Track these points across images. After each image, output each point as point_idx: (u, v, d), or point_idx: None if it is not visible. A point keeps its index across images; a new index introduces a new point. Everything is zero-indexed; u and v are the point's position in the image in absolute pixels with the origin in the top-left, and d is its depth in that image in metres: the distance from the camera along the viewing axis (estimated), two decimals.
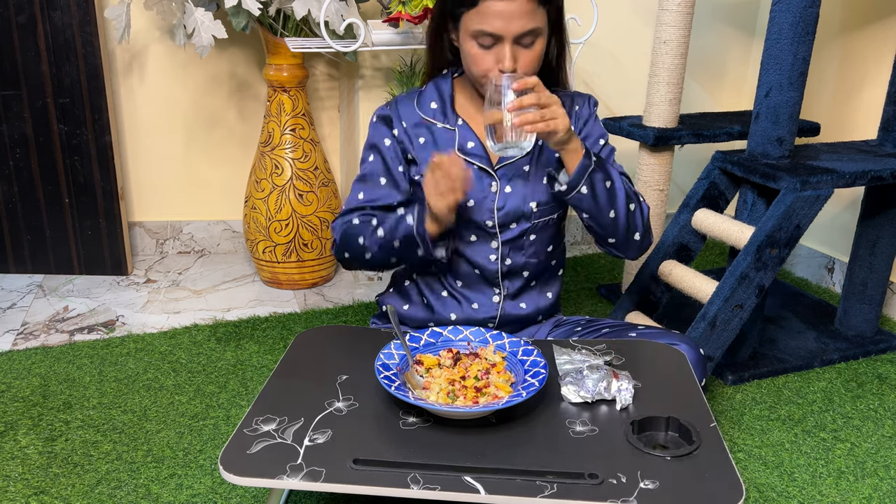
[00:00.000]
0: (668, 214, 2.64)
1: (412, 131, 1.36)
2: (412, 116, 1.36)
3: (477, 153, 1.34)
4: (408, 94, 1.40)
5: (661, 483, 0.97)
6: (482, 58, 1.24)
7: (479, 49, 1.24)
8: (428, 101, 1.37)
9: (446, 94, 1.37)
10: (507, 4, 1.20)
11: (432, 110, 1.36)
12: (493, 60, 1.24)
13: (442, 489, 0.95)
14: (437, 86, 1.38)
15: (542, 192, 1.35)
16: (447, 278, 1.40)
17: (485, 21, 1.21)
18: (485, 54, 1.24)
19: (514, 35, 1.21)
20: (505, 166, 1.34)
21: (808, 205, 1.61)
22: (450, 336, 1.26)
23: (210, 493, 1.37)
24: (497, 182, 1.33)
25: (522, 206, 1.34)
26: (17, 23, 2.04)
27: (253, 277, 2.31)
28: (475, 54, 1.25)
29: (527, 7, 1.21)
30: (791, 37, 1.61)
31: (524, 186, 1.34)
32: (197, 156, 2.39)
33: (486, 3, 1.21)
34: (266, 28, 2.02)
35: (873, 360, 1.91)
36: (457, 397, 1.10)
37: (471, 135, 1.34)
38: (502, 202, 1.33)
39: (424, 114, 1.36)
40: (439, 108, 1.36)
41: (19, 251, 2.25)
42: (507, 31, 1.21)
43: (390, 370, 1.14)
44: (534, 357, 1.17)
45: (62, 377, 1.72)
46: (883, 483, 1.46)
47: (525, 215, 1.35)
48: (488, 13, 1.21)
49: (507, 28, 1.21)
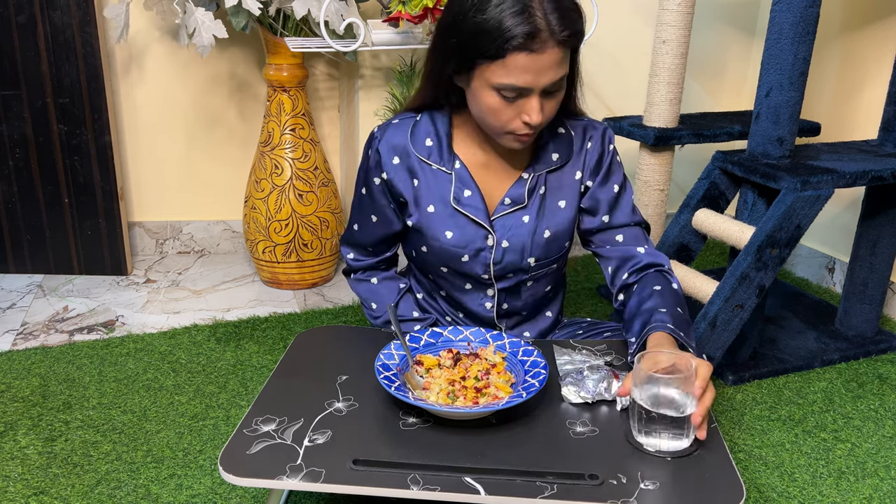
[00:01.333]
0: (669, 214, 2.64)
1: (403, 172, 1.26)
2: (405, 151, 1.26)
3: (472, 204, 1.25)
4: (402, 121, 1.28)
5: (662, 483, 0.97)
6: (503, 111, 1.14)
7: (501, 101, 1.13)
8: (423, 136, 1.26)
9: (443, 132, 1.26)
10: (539, 58, 1.08)
11: (427, 148, 1.26)
12: (516, 112, 1.14)
13: (442, 490, 0.95)
14: (434, 120, 1.27)
15: (541, 247, 1.28)
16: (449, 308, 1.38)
17: (511, 75, 1.10)
18: (507, 107, 1.13)
19: (543, 87, 1.11)
20: (502, 217, 1.26)
21: (809, 205, 1.61)
22: (450, 336, 1.25)
23: (210, 494, 1.36)
24: (493, 235, 1.26)
25: (520, 261, 1.28)
26: (17, 23, 2.04)
27: (253, 277, 2.31)
28: (495, 108, 1.14)
29: (559, 56, 1.10)
30: (791, 37, 1.61)
31: (522, 240, 1.27)
32: (197, 156, 2.39)
33: (515, 57, 1.08)
34: (266, 28, 2.01)
35: (874, 360, 1.90)
36: (457, 398, 1.10)
37: (468, 181, 1.25)
38: (499, 256, 1.27)
39: (418, 151, 1.26)
40: (434, 146, 1.26)
41: (19, 251, 2.25)
42: (536, 84, 1.11)
43: (390, 370, 1.14)
44: (534, 357, 1.17)
45: (62, 377, 1.72)
46: (883, 483, 1.45)
47: (523, 269, 1.29)
48: (517, 67, 1.09)
49: (537, 81, 1.10)
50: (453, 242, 1.26)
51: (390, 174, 1.26)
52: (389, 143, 1.26)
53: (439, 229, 1.26)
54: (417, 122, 1.27)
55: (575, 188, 1.29)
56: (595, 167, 1.29)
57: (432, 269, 1.33)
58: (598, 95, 2.49)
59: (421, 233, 1.28)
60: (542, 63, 1.09)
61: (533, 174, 1.27)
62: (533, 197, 1.27)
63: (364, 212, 1.33)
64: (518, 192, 1.26)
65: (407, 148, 1.26)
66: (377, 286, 1.39)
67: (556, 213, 1.28)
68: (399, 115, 1.30)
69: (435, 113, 1.27)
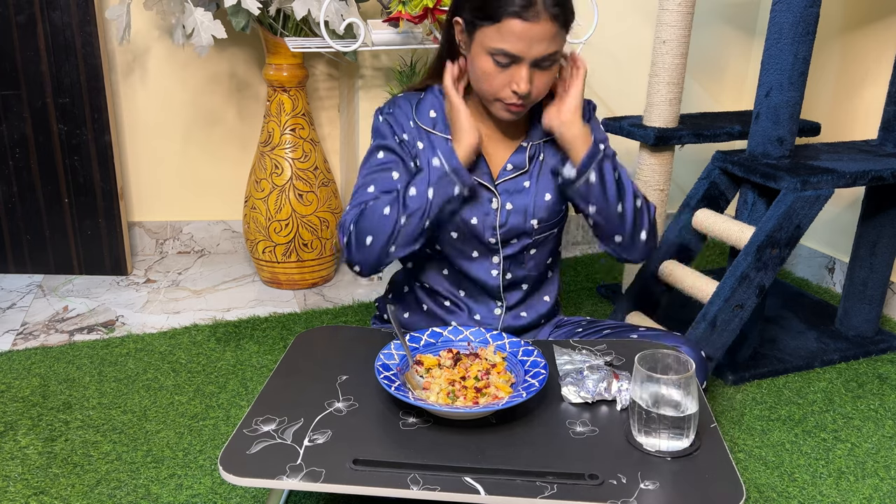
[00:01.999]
0: (669, 214, 2.64)
1: (412, 135, 1.32)
2: (412, 120, 1.32)
3: (478, 168, 1.30)
4: (406, 96, 1.35)
5: (662, 483, 0.97)
6: (494, 76, 1.20)
7: (494, 66, 1.19)
8: (427, 109, 1.33)
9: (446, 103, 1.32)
10: (533, 27, 1.15)
11: (431, 119, 1.32)
12: (507, 80, 1.20)
13: (442, 490, 0.95)
14: (435, 93, 1.33)
15: (543, 209, 1.33)
16: (450, 287, 1.38)
17: (505, 40, 1.16)
18: (498, 73, 1.20)
19: (534, 58, 1.17)
20: (506, 182, 1.32)
21: (809, 205, 1.61)
22: (450, 336, 1.25)
23: (210, 494, 1.36)
24: (498, 198, 1.31)
25: (524, 223, 1.32)
26: (17, 23, 2.04)
27: (253, 277, 2.31)
28: (488, 71, 1.20)
29: (551, 31, 1.16)
30: (791, 36, 1.61)
31: (525, 203, 1.32)
32: (197, 156, 2.39)
33: (509, 22, 1.15)
34: (266, 28, 2.01)
35: (874, 360, 1.91)
36: (457, 398, 1.10)
37: None
38: (504, 219, 1.31)
39: (423, 123, 1.32)
40: (438, 116, 1.32)
41: (19, 251, 2.25)
42: (527, 54, 1.17)
43: (390, 370, 1.14)
44: (534, 357, 1.17)
45: (62, 377, 1.72)
46: (883, 483, 1.45)
47: (526, 232, 1.33)
48: (511, 33, 1.16)
49: (528, 50, 1.16)
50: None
51: (408, 135, 1.32)
52: (400, 110, 1.33)
53: None
54: (422, 98, 1.34)
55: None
56: None
57: (442, 235, 1.33)
58: (598, 95, 2.49)
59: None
60: (535, 33, 1.15)
61: (531, 142, 1.33)
62: (533, 163, 1.33)
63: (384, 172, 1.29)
64: (520, 159, 1.32)
65: (412, 118, 1.32)
66: (377, 201, 1.27)
67: (553, 178, 1.34)
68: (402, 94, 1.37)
69: (437, 90, 1.33)
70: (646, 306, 1.87)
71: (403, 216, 1.21)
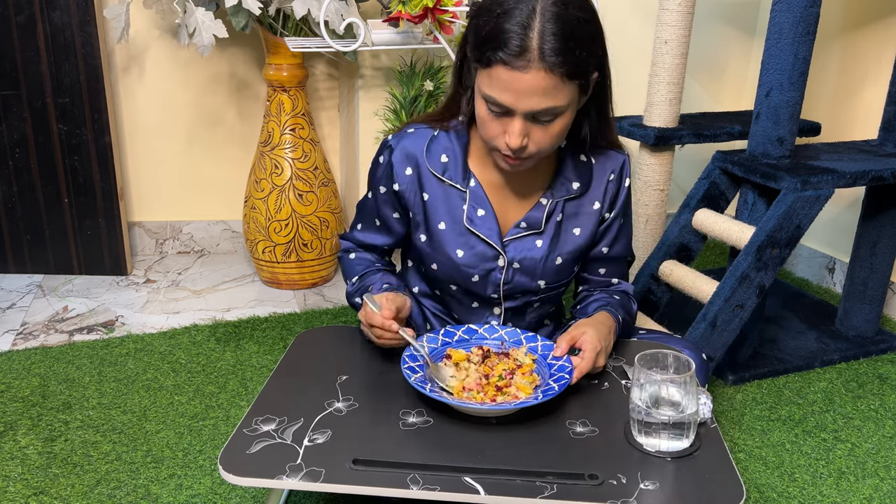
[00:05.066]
0: (669, 214, 2.64)
1: (415, 184, 1.23)
2: (420, 164, 1.23)
3: (485, 224, 1.22)
4: (418, 132, 1.24)
5: (662, 484, 0.97)
6: (490, 123, 1.10)
7: (489, 114, 1.09)
8: (439, 152, 1.22)
9: (460, 149, 1.22)
10: (522, 77, 1.02)
11: (442, 164, 1.22)
12: (501, 130, 1.09)
13: (442, 490, 0.95)
14: (451, 137, 1.22)
15: (552, 272, 1.26)
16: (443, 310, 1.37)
17: (493, 88, 1.05)
18: (492, 120, 1.09)
19: (526, 111, 1.05)
20: (514, 241, 1.24)
21: (809, 205, 1.61)
22: (484, 334, 1.25)
23: (210, 494, 1.36)
24: (504, 257, 1.24)
25: (530, 283, 1.26)
26: (17, 23, 2.04)
27: (252, 277, 2.31)
28: (483, 118, 1.10)
29: (545, 83, 1.03)
30: (791, 36, 1.61)
31: (534, 264, 1.25)
32: (197, 156, 2.39)
33: (497, 69, 1.03)
34: (266, 28, 2.01)
35: (874, 360, 1.90)
36: (475, 394, 1.10)
37: (483, 200, 1.22)
38: (509, 277, 1.25)
39: (433, 167, 1.22)
40: (450, 162, 1.22)
41: (19, 251, 2.25)
42: (516, 106, 1.05)
43: (416, 361, 1.14)
44: (562, 362, 1.16)
45: (62, 377, 1.72)
46: (884, 483, 1.45)
47: (532, 291, 1.28)
48: (499, 81, 1.04)
49: (517, 102, 1.04)
50: (464, 262, 1.24)
51: (402, 186, 1.24)
52: (404, 152, 1.23)
53: (450, 248, 1.25)
54: (435, 136, 1.23)
55: (593, 217, 1.27)
56: (612, 201, 1.28)
57: (441, 286, 1.31)
58: None
59: (431, 251, 1.27)
60: (525, 84, 1.03)
61: (552, 199, 1.24)
62: (550, 223, 1.24)
63: (368, 216, 1.33)
64: (536, 218, 1.24)
65: (420, 160, 1.23)
66: (354, 259, 1.37)
67: (570, 240, 1.26)
68: (415, 124, 1.26)
69: (453, 130, 1.24)
70: (646, 306, 1.87)
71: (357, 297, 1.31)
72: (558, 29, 1.02)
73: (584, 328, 1.18)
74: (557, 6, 1.03)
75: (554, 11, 1.03)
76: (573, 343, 1.17)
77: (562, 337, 1.18)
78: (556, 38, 1.02)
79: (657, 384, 1.02)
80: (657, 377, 1.02)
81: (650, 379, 1.02)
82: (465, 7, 1.84)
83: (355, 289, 1.33)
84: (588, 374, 1.18)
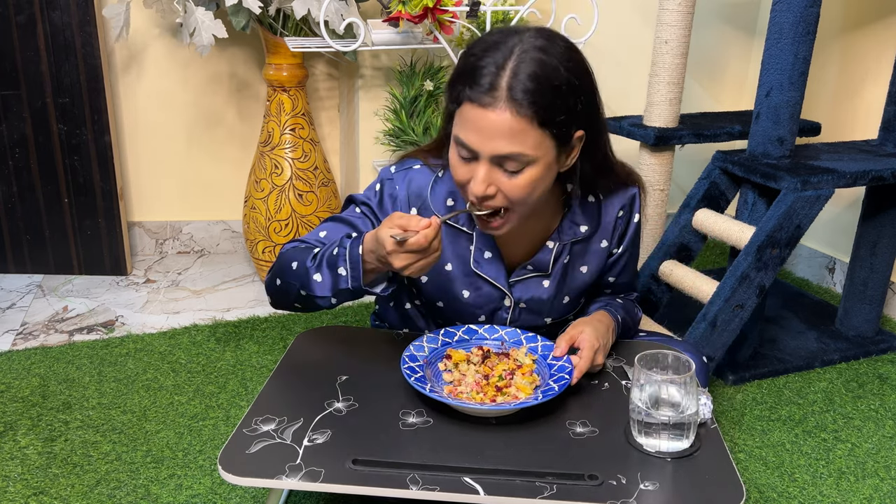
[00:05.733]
0: (669, 214, 2.64)
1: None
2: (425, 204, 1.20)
3: (492, 266, 1.21)
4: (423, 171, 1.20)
5: (661, 484, 0.97)
6: (459, 169, 1.05)
7: (458, 158, 1.04)
8: (444, 195, 1.19)
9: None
10: (487, 115, 0.97)
11: (447, 208, 1.19)
12: (468, 176, 1.04)
13: (441, 490, 0.95)
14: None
15: (559, 310, 1.25)
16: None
17: (461, 128, 1.01)
18: (462, 166, 1.04)
19: (489, 155, 1.00)
20: (521, 282, 1.23)
21: (809, 205, 1.61)
22: (484, 334, 1.25)
23: (209, 494, 1.36)
24: (510, 298, 1.23)
25: (536, 320, 1.27)
26: (17, 23, 2.04)
27: (252, 277, 2.31)
28: (454, 163, 1.06)
29: (511, 124, 0.97)
30: (792, 36, 1.61)
31: (540, 304, 1.24)
32: (197, 156, 2.39)
33: (465, 107, 1.00)
34: (266, 27, 2.01)
35: (874, 360, 1.90)
36: (476, 394, 1.10)
37: (489, 244, 1.20)
38: (515, 316, 1.26)
39: (438, 210, 1.19)
40: (457, 205, 1.19)
41: (19, 251, 2.25)
42: (482, 148, 1.00)
43: (416, 361, 1.15)
44: (562, 363, 1.16)
45: (61, 377, 1.72)
46: (884, 483, 1.45)
47: (538, 327, 1.28)
48: (467, 120, 1.00)
49: (482, 144, 1.00)
50: (470, 302, 1.24)
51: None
52: (411, 189, 1.20)
53: (457, 289, 1.24)
54: (439, 178, 1.20)
55: (600, 255, 1.27)
56: (621, 236, 1.28)
57: (445, 323, 1.30)
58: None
59: (435, 290, 1.26)
60: (490, 123, 0.98)
61: (558, 243, 1.22)
62: (557, 265, 1.23)
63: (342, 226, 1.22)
64: (543, 261, 1.22)
65: (427, 201, 1.20)
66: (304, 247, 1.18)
67: (576, 279, 1.26)
68: (419, 160, 1.22)
69: None
70: (646, 306, 1.87)
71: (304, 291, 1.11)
72: (531, 71, 0.99)
73: (582, 326, 1.19)
74: (538, 52, 1.00)
75: (533, 56, 1.00)
76: (573, 343, 1.17)
77: (561, 337, 1.18)
78: (528, 78, 0.98)
79: (657, 385, 1.02)
80: (657, 377, 1.02)
81: (650, 379, 1.02)
82: (465, 7, 1.84)
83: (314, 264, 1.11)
84: (588, 373, 1.18)
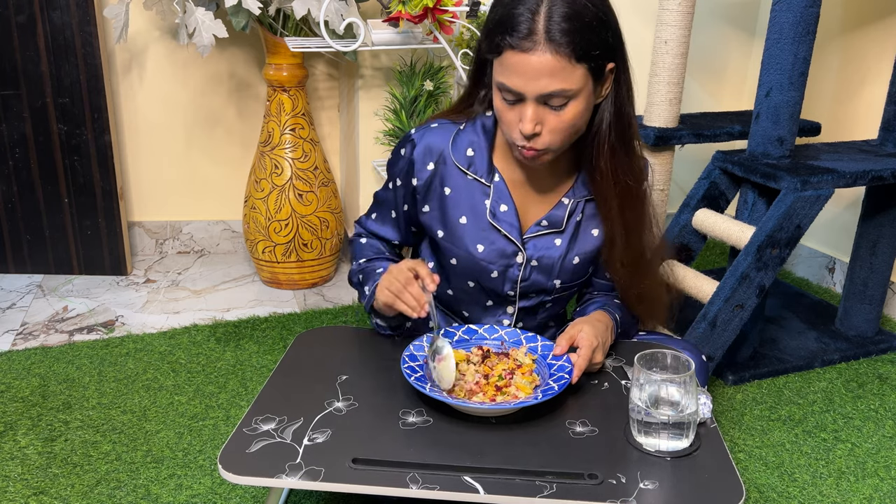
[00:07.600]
0: (669, 214, 2.64)
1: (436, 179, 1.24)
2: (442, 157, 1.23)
3: (507, 220, 1.23)
4: (443, 126, 1.25)
5: (661, 483, 0.97)
6: (506, 114, 1.11)
7: (503, 103, 1.11)
8: (465, 145, 1.23)
9: (485, 144, 1.22)
10: (529, 58, 1.04)
11: (467, 158, 1.22)
12: (516, 119, 1.10)
13: (441, 489, 0.95)
14: (477, 128, 1.23)
15: (569, 272, 1.26)
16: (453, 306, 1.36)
17: (504, 74, 1.07)
18: (508, 110, 1.11)
19: (535, 95, 1.06)
20: (534, 239, 1.24)
21: (809, 205, 1.61)
22: (484, 334, 1.25)
23: (210, 494, 1.36)
24: (523, 254, 1.24)
25: (546, 281, 1.27)
26: (17, 23, 2.04)
27: (252, 277, 2.31)
28: (500, 108, 1.12)
29: (553, 64, 1.04)
30: (791, 36, 1.61)
31: (552, 262, 1.25)
32: (196, 155, 2.39)
33: (507, 54, 1.06)
34: (266, 28, 2.01)
35: (874, 360, 1.90)
36: (474, 394, 1.10)
37: (506, 197, 1.22)
38: (527, 274, 1.26)
39: (458, 160, 1.22)
40: (476, 156, 1.22)
41: (18, 251, 2.25)
42: (526, 90, 1.06)
43: (416, 361, 1.15)
44: (562, 362, 1.16)
45: (61, 377, 1.72)
46: (884, 483, 1.45)
47: (547, 290, 1.28)
48: (509, 65, 1.06)
49: (526, 86, 1.06)
50: (483, 257, 1.24)
51: (420, 182, 1.25)
52: (427, 147, 1.24)
53: (470, 242, 1.25)
54: (461, 130, 1.24)
55: None
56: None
57: (458, 283, 1.30)
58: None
59: (450, 245, 1.26)
60: (532, 66, 1.04)
61: (573, 199, 1.25)
62: (570, 222, 1.25)
63: (385, 206, 1.34)
64: (557, 217, 1.24)
65: (445, 153, 1.23)
66: (365, 243, 1.38)
67: (587, 241, 1.27)
68: (439, 119, 1.27)
69: (481, 119, 1.24)
70: None
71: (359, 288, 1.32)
72: (564, 11, 1.04)
73: (581, 325, 1.19)
74: None
75: None
76: (572, 342, 1.17)
77: (560, 336, 1.18)
78: (562, 19, 1.04)
79: (657, 384, 1.02)
80: (657, 377, 1.02)
81: (650, 379, 1.02)
82: (465, 7, 1.84)
83: (360, 268, 1.33)
84: (588, 372, 1.18)
